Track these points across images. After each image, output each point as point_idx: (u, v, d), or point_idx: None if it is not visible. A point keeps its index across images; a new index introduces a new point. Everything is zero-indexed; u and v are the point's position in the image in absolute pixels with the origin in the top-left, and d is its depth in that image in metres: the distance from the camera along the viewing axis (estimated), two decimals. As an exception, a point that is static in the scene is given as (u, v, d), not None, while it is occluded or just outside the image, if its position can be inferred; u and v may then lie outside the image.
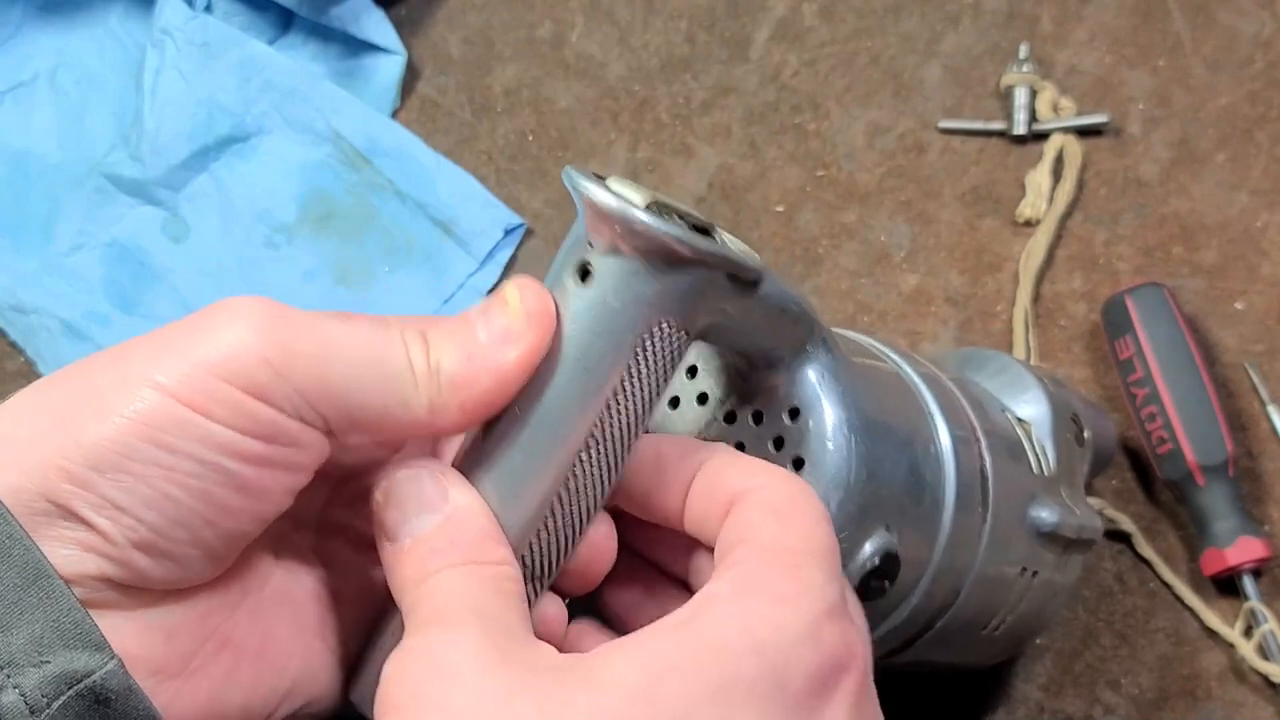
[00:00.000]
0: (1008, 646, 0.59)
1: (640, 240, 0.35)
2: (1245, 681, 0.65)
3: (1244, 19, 0.75)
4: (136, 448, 0.33)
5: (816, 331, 0.43)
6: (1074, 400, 0.61)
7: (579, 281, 0.37)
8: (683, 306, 0.37)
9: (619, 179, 0.36)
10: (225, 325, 0.34)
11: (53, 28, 0.82)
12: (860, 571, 0.44)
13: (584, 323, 0.37)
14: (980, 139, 0.75)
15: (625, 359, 0.37)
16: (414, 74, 0.80)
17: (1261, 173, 0.73)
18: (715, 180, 0.76)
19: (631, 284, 0.36)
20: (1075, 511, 0.56)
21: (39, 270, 0.78)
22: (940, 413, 0.48)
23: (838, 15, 0.78)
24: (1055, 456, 0.57)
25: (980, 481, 0.50)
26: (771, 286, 0.39)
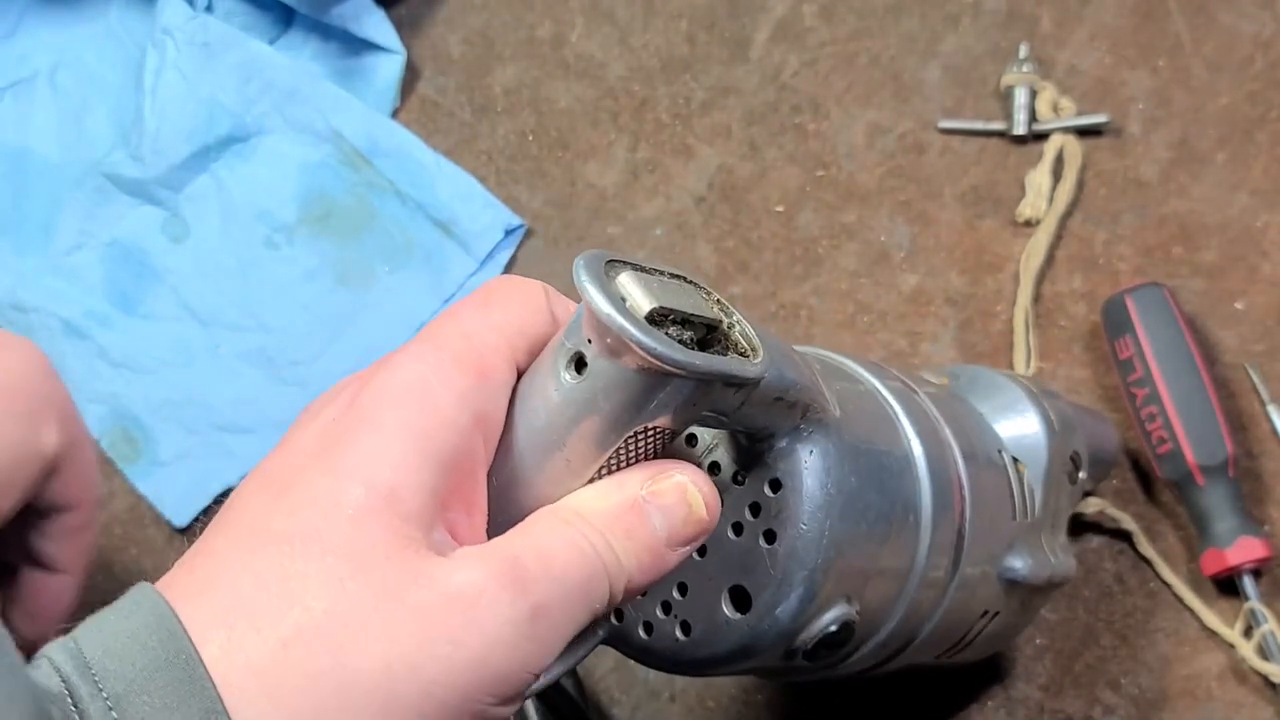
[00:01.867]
0: (969, 658, 0.59)
1: (634, 358, 0.35)
2: (1245, 681, 0.65)
3: (1244, 19, 0.75)
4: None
5: (815, 412, 0.42)
6: (1078, 437, 0.60)
7: (574, 373, 0.37)
8: (672, 410, 0.37)
9: (635, 273, 0.36)
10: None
11: (52, 25, 0.82)
12: (813, 639, 0.44)
13: (571, 414, 0.37)
14: (980, 139, 0.75)
15: (605, 454, 0.37)
16: (414, 74, 0.80)
17: (1261, 173, 0.73)
18: (715, 180, 0.76)
19: (623, 390, 0.36)
20: (1050, 560, 0.56)
21: (39, 270, 0.78)
22: (928, 474, 0.48)
23: (838, 15, 0.78)
24: (1043, 500, 0.57)
25: (956, 543, 0.50)
26: (773, 377, 0.39)
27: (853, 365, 0.51)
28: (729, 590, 0.43)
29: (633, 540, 0.38)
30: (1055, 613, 0.67)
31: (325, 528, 0.35)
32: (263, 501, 0.36)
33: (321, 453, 0.36)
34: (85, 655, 0.33)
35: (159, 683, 0.33)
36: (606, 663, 0.68)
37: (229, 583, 0.35)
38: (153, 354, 0.76)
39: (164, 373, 0.76)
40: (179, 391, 0.76)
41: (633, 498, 0.38)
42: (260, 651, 0.34)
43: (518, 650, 0.35)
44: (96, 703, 0.32)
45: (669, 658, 0.45)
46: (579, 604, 0.36)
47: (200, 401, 0.75)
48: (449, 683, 0.34)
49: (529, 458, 0.38)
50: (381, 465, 0.35)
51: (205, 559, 0.36)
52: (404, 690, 0.34)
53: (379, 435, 0.36)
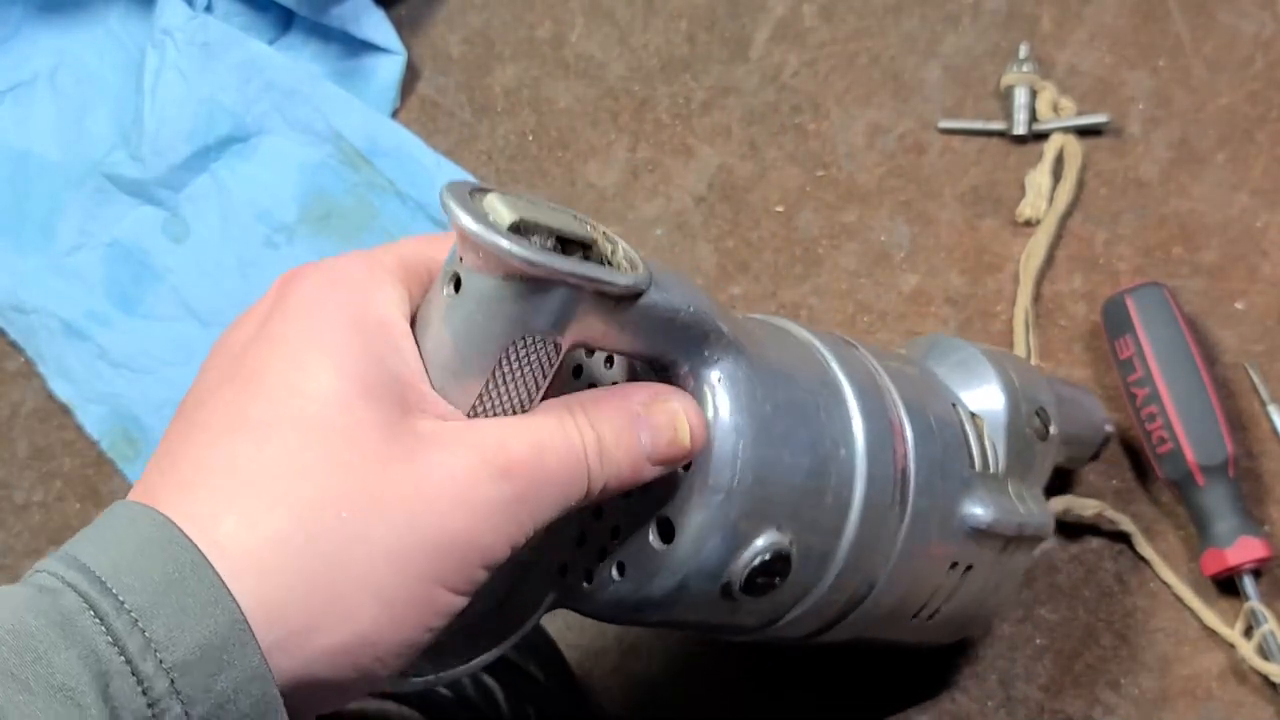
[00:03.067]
0: (953, 630, 0.59)
1: (496, 263, 0.37)
2: (1245, 681, 0.65)
3: (1244, 19, 0.75)
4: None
5: (717, 336, 0.43)
6: (1043, 393, 0.60)
7: (452, 291, 0.39)
8: (549, 322, 0.38)
9: (502, 195, 0.38)
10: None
11: (53, 27, 0.82)
12: (745, 568, 0.44)
13: (452, 329, 0.39)
14: (980, 139, 0.75)
15: (489, 366, 0.39)
16: (414, 74, 0.80)
17: (1261, 173, 0.73)
18: (715, 180, 0.76)
19: (495, 300, 0.38)
20: (1019, 509, 0.56)
21: (39, 270, 0.78)
22: (860, 411, 0.48)
23: (838, 15, 0.78)
24: (1006, 452, 0.57)
25: (899, 480, 0.50)
26: (658, 296, 0.40)
27: (785, 322, 0.52)
28: (655, 521, 0.44)
29: (619, 449, 0.41)
30: (1055, 613, 0.67)
31: (313, 413, 0.37)
32: (228, 395, 0.38)
33: (276, 344, 0.38)
34: (94, 571, 0.34)
35: (178, 594, 0.34)
36: (607, 664, 0.69)
37: (225, 468, 0.36)
38: (153, 354, 0.76)
39: (164, 373, 0.76)
40: (179, 391, 0.74)
41: (631, 410, 0.41)
42: (277, 523, 0.35)
43: (504, 525, 0.38)
44: (121, 617, 0.33)
45: (610, 603, 0.45)
46: (559, 496, 0.39)
47: (200, 401, 0.75)
48: (450, 545, 0.37)
49: (432, 372, 0.40)
50: (349, 359, 0.38)
51: (186, 454, 0.37)
52: (412, 550, 0.36)
53: (335, 330, 0.38)
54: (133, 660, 0.33)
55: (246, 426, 0.37)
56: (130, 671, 0.33)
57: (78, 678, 0.32)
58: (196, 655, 0.33)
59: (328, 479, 0.36)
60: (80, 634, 0.33)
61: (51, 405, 0.76)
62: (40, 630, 0.33)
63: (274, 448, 0.36)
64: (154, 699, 0.33)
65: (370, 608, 0.36)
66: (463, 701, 0.63)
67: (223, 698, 0.34)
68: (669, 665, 0.69)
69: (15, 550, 0.74)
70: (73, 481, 0.75)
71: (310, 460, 0.36)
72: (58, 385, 0.76)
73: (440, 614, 0.38)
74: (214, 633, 0.34)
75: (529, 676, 0.64)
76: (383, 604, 0.36)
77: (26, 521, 0.75)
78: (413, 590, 0.37)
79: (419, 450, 0.37)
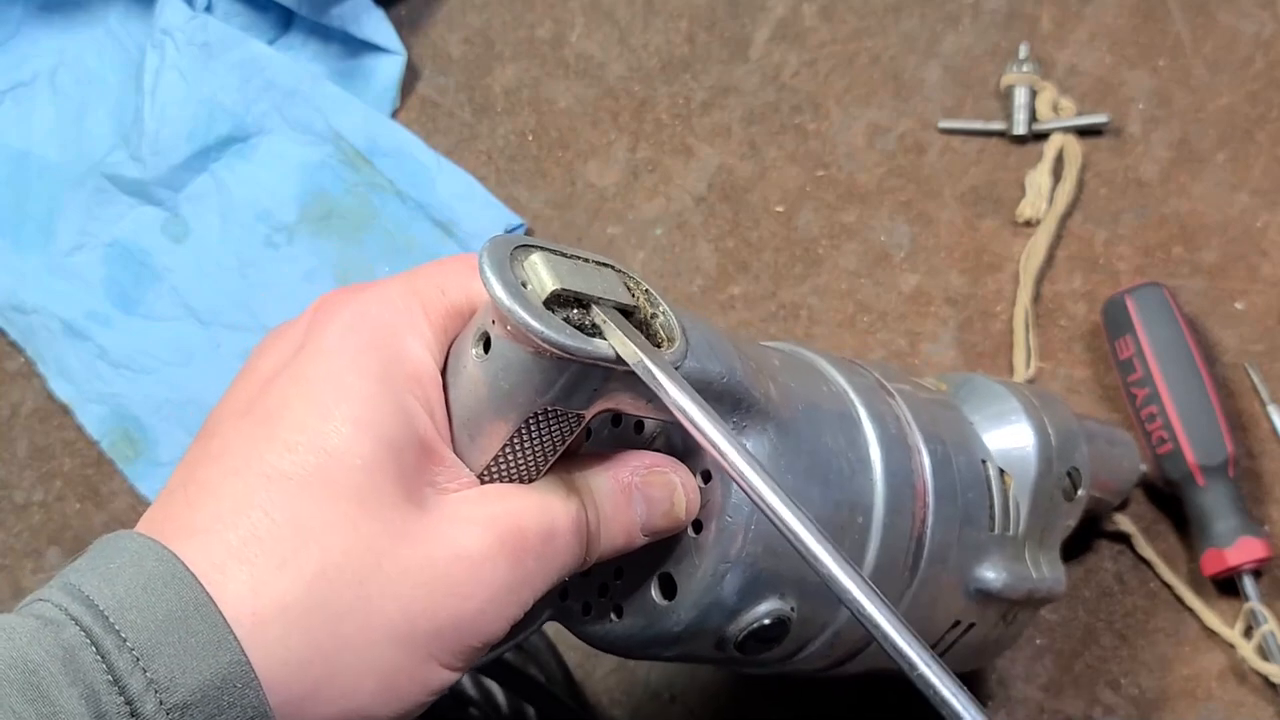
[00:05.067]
0: (963, 661, 0.58)
1: (526, 340, 0.36)
2: (1245, 681, 0.65)
3: (1244, 19, 0.75)
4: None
5: (748, 404, 0.42)
6: (1079, 453, 0.58)
7: (481, 351, 0.38)
8: (574, 397, 0.38)
9: (547, 257, 0.37)
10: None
11: (53, 28, 0.82)
12: (742, 631, 0.44)
13: (476, 392, 0.38)
14: (980, 139, 0.75)
15: (509, 431, 0.38)
16: (414, 74, 0.80)
17: (1261, 173, 0.73)
18: (715, 180, 0.76)
19: (522, 371, 0.37)
20: (1031, 574, 0.55)
21: (39, 270, 0.78)
22: (883, 479, 0.48)
23: (838, 15, 0.78)
24: (1029, 514, 0.55)
25: (913, 548, 0.49)
26: (692, 366, 0.39)
27: (824, 363, 0.51)
28: (658, 577, 0.44)
29: (615, 520, 0.40)
30: (1055, 613, 0.67)
31: (334, 472, 0.36)
32: (248, 430, 0.37)
33: (301, 384, 0.37)
34: (98, 605, 0.33)
35: (181, 634, 0.33)
36: (607, 664, 0.69)
37: (237, 519, 0.35)
38: (153, 354, 0.76)
39: (164, 373, 0.76)
40: (179, 391, 0.76)
41: (627, 482, 0.40)
42: (286, 588, 0.35)
43: (508, 607, 0.38)
44: (123, 655, 0.33)
45: (604, 638, 0.45)
46: (560, 570, 0.39)
47: (200, 401, 0.75)
48: (456, 628, 0.37)
49: (452, 424, 0.39)
50: (376, 413, 0.37)
51: (200, 493, 0.36)
52: (420, 632, 0.36)
53: (363, 379, 0.37)
54: (133, 701, 0.32)
55: (265, 475, 0.36)
56: (130, 713, 0.32)
57: (79, 717, 0.32)
58: (197, 697, 0.33)
59: (341, 546, 0.35)
60: (82, 671, 0.32)
61: (51, 405, 0.76)
62: (43, 665, 0.32)
63: (292, 505, 0.35)
64: None
65: (369, 684, 0.36)
66: (461, 701, 0.63)
67: None
68: (669, 666, 0.69)
69: (15, 550, 0.75)
70: (73, 481, 0.75)
71: (325, 524, 0.35)
72: (58, 385, 0.76)
73: (435, 690, 0.37)
74: (216, 674, 0.33)
75: (528, 677, 0.64)
76: (381, 680, 0.36)
77: (26, 521, 0.75)
78: (413, 669, 0.36)
79: (434, 524, 0.37)
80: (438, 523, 0.37)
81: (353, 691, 0.35)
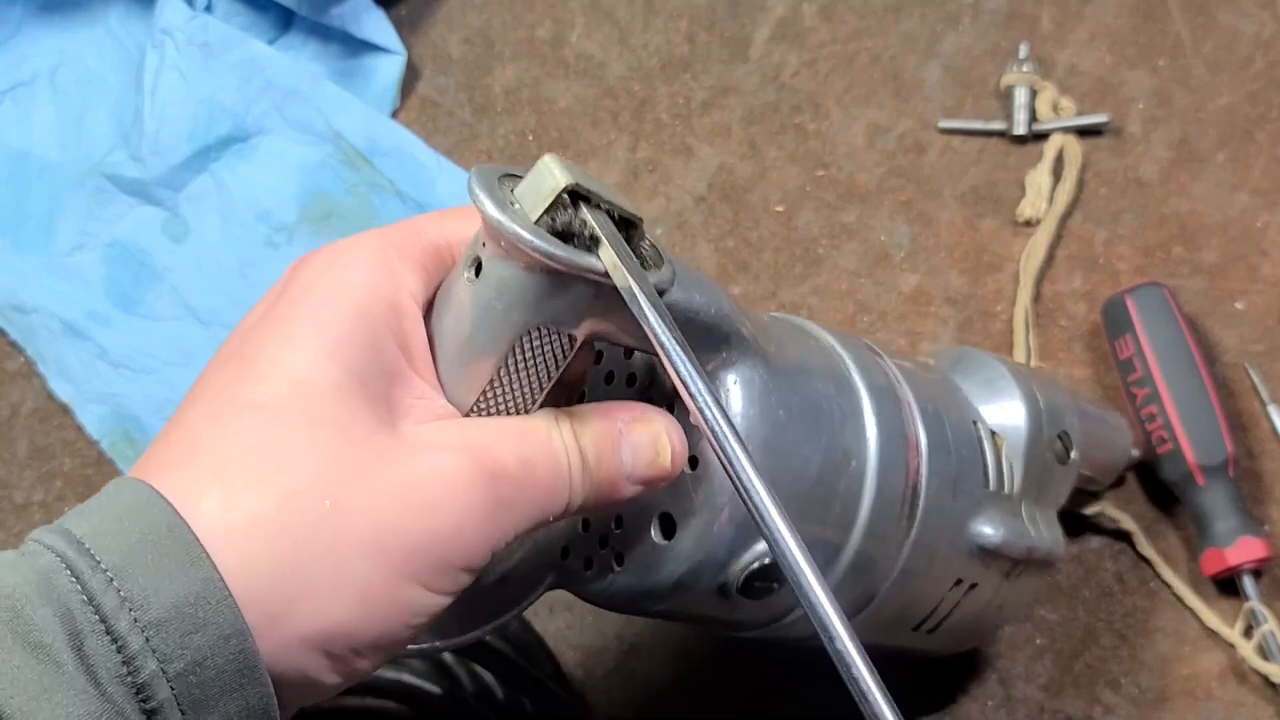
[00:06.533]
0: (955, 642, 0.59)
1: (518, 254, 0.37)
2: (1245, 681, 0.65)
3: (1244, 19, 0.75)
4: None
5: (737, 339, 0.43)
6: (1068, 417, 0.60)
7: (472, 275, 0.39)
8: (565, 314, 0.38)
9: (558, 159, 0.37)
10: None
11: (53, 27, 0.82)
12: (743, 571, 0.44)
13: (469, 315, 0.39)
14: (980, 139, 0.75)
15: (502, 354, 0.39)
16: (414, 74, 0.80)
17: (1261, 173, 0.73)
18: (715, 180, 0.76)
19: (514, 289, 0.38)
20: (1029, 532, 0.55)
21: (39, 270, 0.78)
22: (876, 425, 0.48)
23: (838, 15, 0.78)
24: (1023, 474, 0.56)
25: (909, 496, 0.49)
26: (680, 295, 0.40)
27: (811, 325, 0.52)
28: (658, 517, 0.44)
29: (601, 468, 0.40)
30: (1055, 613, 0.67)
31: (304, 398, 0.37)
32: (226, 374, 0.38)
33: (275, 325, 0.38)
34: (75, 534, 0.34)
35: (154, 554, 0.34)
36: (607, 664, 0.69)
37: (214, 447, 0.36)
38: (153, 354, 0.76)
39: (164, 373, 0.76)
40: (179, 391, 0.75)
41: (613, 429, 0.41)
42: (258, 504, 0.35)
43: (485, 529, 0.38)
44: (97, 575, 0.33)
45: (607, 592, 0.46)
46: (540, 507, 0.39)
47: (200, 401, 0.75)
48: (430, 545, 0.37)
49: (440, 358, 0.40)
50: (346, 344, 0.37)
51: (181, 432, 0.37)
52: (392, 547, 0.36)
53: (334, 311, 0.38)
54: (107, 618, 0.33)
55: (238, 406, 0.37)
56: (105, 629, 0.33)
57: (54, 635, 0.32)
58: (172, 613, 0.33)
59: (313, 466, 0.36)
60: (56, 592, 0.33)
61: (51, 405, 0.76)
62: (18, 589, 0.33)
63: (262, 429, 0.36)
64: (129, 656, 0.33)
65: (345, 599, 0.36)
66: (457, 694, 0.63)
67: (200, 655, 0.34)
68: (669, 665, 0.69)
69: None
70: (73, 481, 0.75)
71: (297, 446, 0.36)
72: (58, 385, 0.76)
73: (418, 612, 0.38)
74: (189, 590, 0.34)
75: (523, 670, 0.64)
76: (358, 597, 0.36)
77: (27, 521, 0.75)
78: (390, 587, 0.37)
79: (408, 448, 0.37)
80: (411, 446, 0.37)
81: (329, 607, 0.36)
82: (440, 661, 0.63)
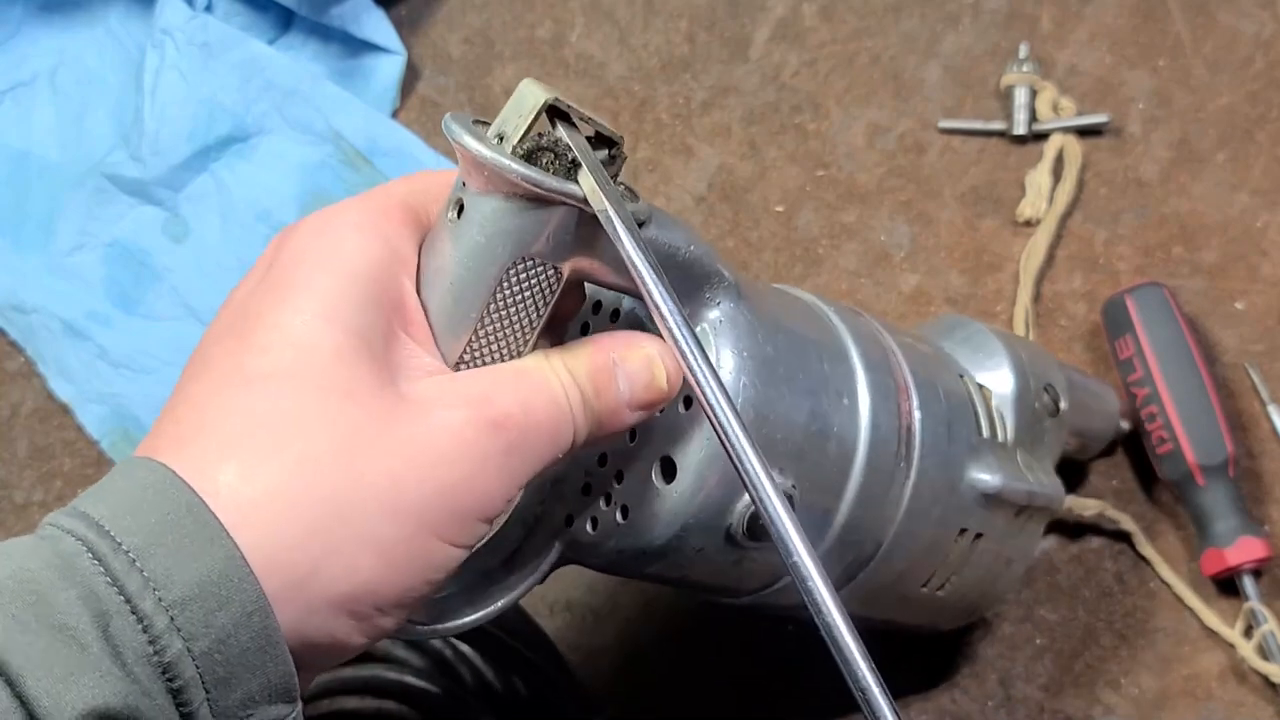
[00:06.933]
0: (959, 611, 0.59)
1: (499, 182, 0.37)
2: (1245, 681, 0.65)
3: (1244, 19, 0.75)
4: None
5: (717, 279, 0.44)
6: (1054, 373, 0.60)
7: (454, 216, 0.39)
8: (548, 244, 0.39)
9: (526, 88, 0.39)
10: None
11: (53, 27, 0.82)
12: (748, 509, 0.45)
13: (454, 255, 0.39)
14: (980, 139, 0.75)
15: (490, 290, 0.39)
16: (414, 74, 0.80)
17: (1261, 173, 0.73)
18: (715, 180, 0.76)
19: (496, 219, 0.38)
20: (1027, 477, 0.56)
21: (39, 270, 0.78)
22: (863, 366, 0.49)
23: (838, 15, 0.78)
24: (1015, 425, 0.57)
25: (904, 436, 0.50)
26: (657, 232, 0.41)
27: (785, 286, 0.52)
28: (659, 461, 0.44)
29: (600, 399, 0.41)
30: (1055, 613, 0.67)
31: (309, 364, 0.37)
32: (228, 346, 0.38)
33: (272, 292, 0.38)
34: (93, 517, 0.34)
35: (175, 534, 0.34)
36: (605, 664, 0.69)
37: (223, 421, 0.37)
38: (153, 354, 0.76)
39: (164, 373, 0.76)
40: (179, 391, 0.75)
41: (605, 361, 0.41)
42: (274, 475, 0.36)
43: (497, 477, 0.39)
44: (119, 557, 0.33)
45: (614, 550, 0.46)
46: (547, 446, 0.40)
47: (200, 401, 0.75)
48: (445, 498, 0.38)
49: (430, 304, 0.40)
50: (342, 306, 0.38)
51: (187, 408, 0.38)
52: (409, 502, 0.37)
53: (328, 276, 0.38)
54: (132, 599, 0.33)
55: (243, 378, 0.37)
56: (130, 610, 0.33)
57: (78, 617, 0.32)
58: (195, 591, 0.34)
59: (324, 432, 0.36)
60: (79, 575, 0.33)
61: (51, 405, 0.76)
62: (40, 573, 0.33)
63: (271, 400, 0.37)
64: (154, 636, 0.33)
65: (368, 558, 0.36)
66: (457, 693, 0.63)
67: (224, 633, 0.34)
68: (669, 666, 0.69)
69: (15, 550, 0.74)
70: (73, 481, 0.75)
71: (307, 413, 0.36)
72: (58, 385, 0.76)
73: (439, 566, 0.38)
74: (212, 569, 0.34)
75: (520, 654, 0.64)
76: (380, 555, 0.37)
77: (27, 521, 0.75)
78: (410, 542, 0.37)
79: (413, 406, 0.38)
80: (415, 404, 0.38)
81: (353, 567, 0.36)
82: (441, 659, 0.63)
